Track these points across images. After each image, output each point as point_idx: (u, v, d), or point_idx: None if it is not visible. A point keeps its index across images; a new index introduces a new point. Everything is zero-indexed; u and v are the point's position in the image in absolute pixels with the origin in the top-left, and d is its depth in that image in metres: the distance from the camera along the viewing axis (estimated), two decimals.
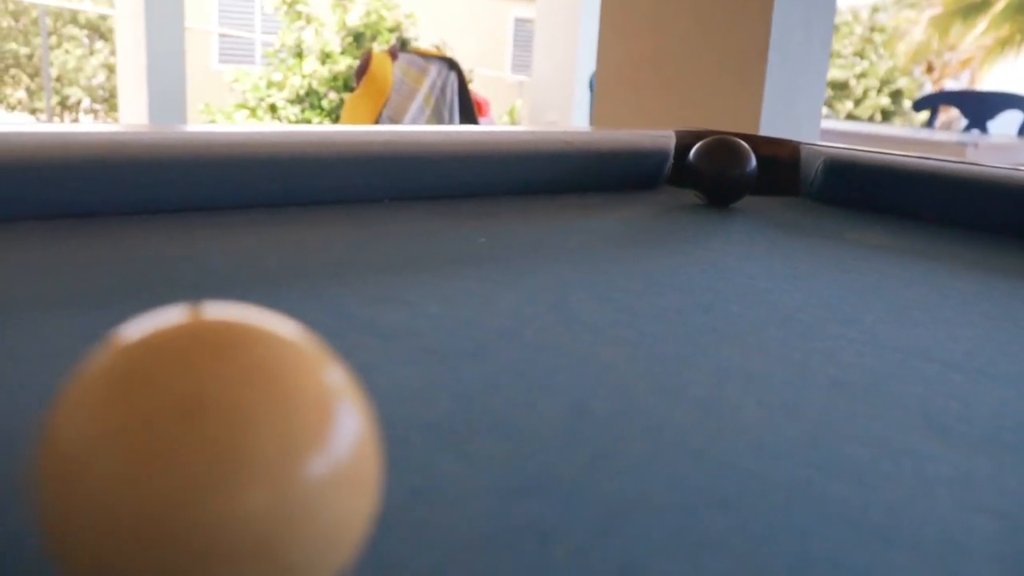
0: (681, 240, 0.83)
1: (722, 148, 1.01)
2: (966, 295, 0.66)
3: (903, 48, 12.06)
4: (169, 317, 0.22)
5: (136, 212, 0.74)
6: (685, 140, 1.16)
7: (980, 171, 0.99)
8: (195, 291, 0.55)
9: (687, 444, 0.37)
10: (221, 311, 0.23)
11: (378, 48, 6.64)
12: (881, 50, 12.60)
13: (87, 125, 0.74)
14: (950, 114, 6.82)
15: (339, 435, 0.22)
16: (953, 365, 0.49)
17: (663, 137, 1.16)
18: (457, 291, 0.59)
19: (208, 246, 0.68)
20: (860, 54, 12.58)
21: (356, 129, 0.90)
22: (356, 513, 0.22)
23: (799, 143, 1.16)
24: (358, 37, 7.16)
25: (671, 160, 1.16)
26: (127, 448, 0.20)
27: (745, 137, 1.14)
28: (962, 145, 3.08)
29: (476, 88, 6.24)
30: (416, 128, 0.95)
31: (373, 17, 7.21)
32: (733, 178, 1.00)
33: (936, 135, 3.66)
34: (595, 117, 2.22)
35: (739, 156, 1.01)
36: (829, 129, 3.50)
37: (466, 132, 0.99)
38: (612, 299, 0.60)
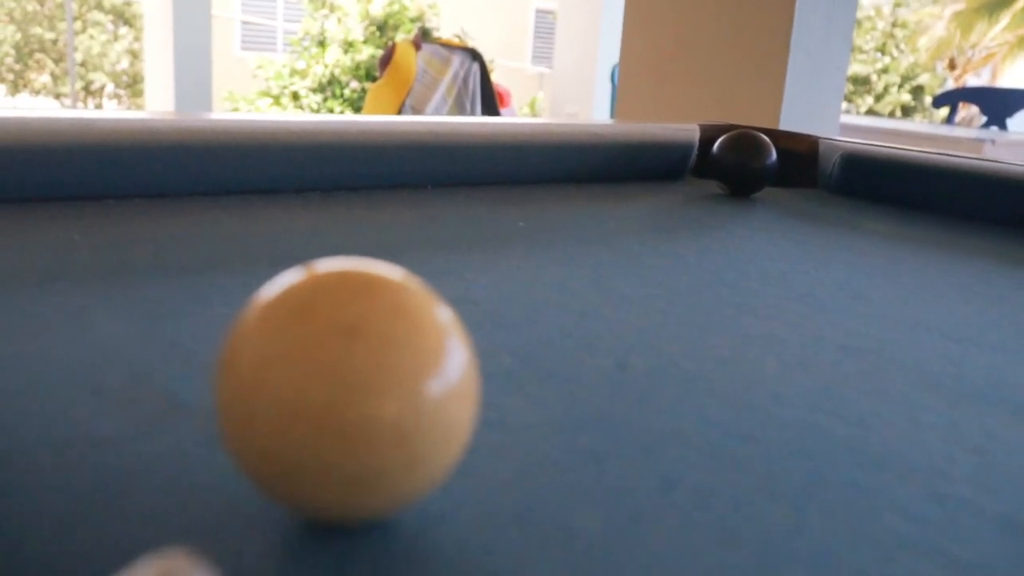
0: (705, 227, 0.89)
1: (744, 141, 1.07)
2: (967, 279, 0.72)
3: (925, 43, 11.99)
4: (322, 266, 0.29)
5: (207, 193, 0.81)
6: (709, 133, 1.22)
7: (988, 166, 1.05)
8: (273, 263, 0.62)
9: (715, 392, 0.43)
10: (360, 263, 0.29)
11: (401, 38, 6.70)
12: (903, 45, 12.53)
13: (163, 113, 0.81)
14: (970, 110, 6.80)
15: (452, 361, 0.28)
16: (949, 336, 0.55)
17: (688, 130, 1.22)
18: (505, 268, 0.65)
19: (277, 226, 0.75)
20: (882, 49, 12.52)
21: (404, 120, 0.96)
22: (464, 420, 0.29)
23: (818, 138, 1.21)
24: (381, 27, 7.22)
25: (695, 152, 1.22)
26: (300, 363, 0.27)
27: (766, 131, 1.20)
28: (979, 142, 3.12)
29: (497, 79, 6.29)
30: (458, 119, 1.01)
31: (396, 7, 7.27)
32: (754, 170, 1.06)
33: (954, 131, 3.68)
34: (618, 110, 2.28)
35: (760, 149, 1.07)
36: (848, 124, 3.53)
37: (503, 124, 1.06)
38: (644, 276, 0.66)
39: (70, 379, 0.40)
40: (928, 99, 12.09)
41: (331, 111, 7.23)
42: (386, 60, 5.52)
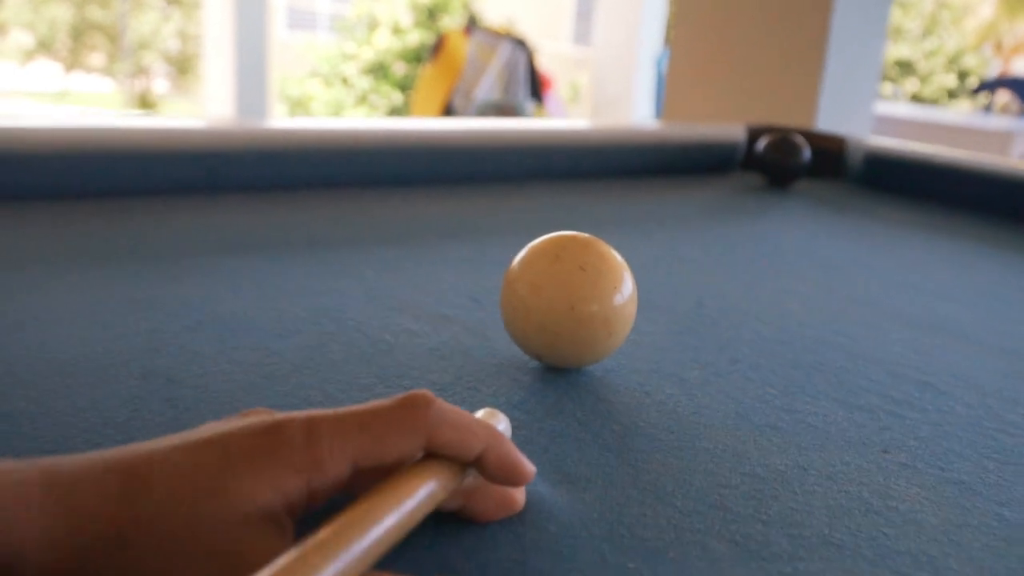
0: (751, 211, 1.14)
1: (783, 141, 1.31)
2: (953, 255, 0.96)
3: (972, 24, 11.92)
4: (560, 233, 0.55)
5: (349, 184, 1.08)
6: (753, 133, 1.46)
7: (991, 165, 1.27)
8: (410, 239, 0.88)
9: (761, 319, 0.68)
10: (571, 232, 0.55)
11: (452, 24, 6.92)
12: (949, 27, 12.44)
13: (307, 120, 1.07)
14: (1008, 99, 6.87)
15: (627, 284, 0.54)
16: (926, 292, 0.80)
17: (735, 130, 1.46)
18: None
19: (408, 211, 1.01)
20: (929, 30, 12.44)
21: (509, 124, 1.22)
22: (632, 315, 0.54)
23: (846, 137, 1.44)
24: (430, 12, 7.45)
25: (742, 150, 1.46)
26: (555, 285, 0.52)
27: (801, 131, 1.43)
28: (1010, 133, 3.29)
29: (539, 63, 6.50)
30: (549, 123, 1.27)
31: None
32: (791, 166, 1.30)
33: (988, 122, 3.84)
34: (666, 108, 2.51)
35: (797, 148, 1.30)
36: (884, 115, 3.70)
37: (583, 128, 1.31)
38: (708, 248, 0.91)
39: (362, 303, 0.66)
40: (973, 81, 12.01)
41: (381, 93, 7.49)
42: (437, 49, 5.77)
